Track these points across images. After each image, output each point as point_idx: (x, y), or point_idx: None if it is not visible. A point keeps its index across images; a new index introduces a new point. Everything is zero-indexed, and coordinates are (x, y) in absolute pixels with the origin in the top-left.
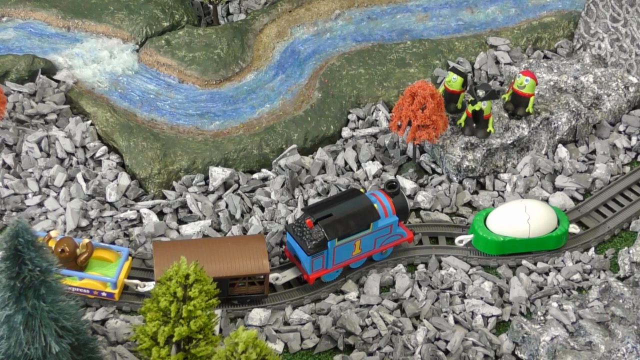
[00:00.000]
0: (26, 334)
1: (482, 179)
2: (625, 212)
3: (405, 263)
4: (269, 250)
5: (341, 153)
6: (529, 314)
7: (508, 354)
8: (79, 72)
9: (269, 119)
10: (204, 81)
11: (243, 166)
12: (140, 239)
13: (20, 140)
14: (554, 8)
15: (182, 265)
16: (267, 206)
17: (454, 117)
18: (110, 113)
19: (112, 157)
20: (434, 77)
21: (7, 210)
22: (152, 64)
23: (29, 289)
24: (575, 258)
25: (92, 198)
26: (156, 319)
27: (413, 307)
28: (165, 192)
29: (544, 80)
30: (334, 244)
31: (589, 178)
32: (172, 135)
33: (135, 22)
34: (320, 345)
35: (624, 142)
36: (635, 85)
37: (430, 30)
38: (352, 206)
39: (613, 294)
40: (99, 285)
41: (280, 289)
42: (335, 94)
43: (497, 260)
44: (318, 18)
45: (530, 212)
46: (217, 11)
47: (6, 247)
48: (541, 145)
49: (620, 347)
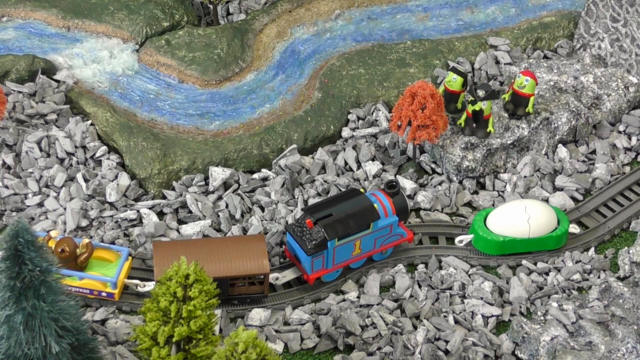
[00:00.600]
0: (26, 334)
1: (482, 179)
2: (625, 212)
3: (405, 263)
4: (269, 250)
5: (341, 153)
6: (529, 314)
7: (508, 354)
8: (79, 72)
9: (269, 119)
10: (204, 81)
11: (243, 166)
12: (140, 239)
13: (20, 140)
14: (554, 8)
15: (182, 265)
16: (267, 206)
17: (454, 117)
18: (110, 113)
19: (112, 157)
20: (434, 77)
21: (7, 210)
22: (152, 64)
23: (29, 289)
24: (575, 258)
25: (92, 198)
26: (156, 319)
27: (413, 307)
28: (165, 192)
29: (544, 80)
30: (334, 244)
31: (589, 178)
32: (172, 135)
33: (135, 22)
34: (320, 345)
35: (624, 142)
36: (635, 85)
37: (430, 30)
38: (352, 206)
39: (613, 294)
40: (99, 285)
41: (280, 289)
42: (335, 94)
43: (497, 260)
44: (318, 18)
45: (530, 212)
46: (217, 11)
47: (6, 247)
48: (541, 145)
49: (620, 347)
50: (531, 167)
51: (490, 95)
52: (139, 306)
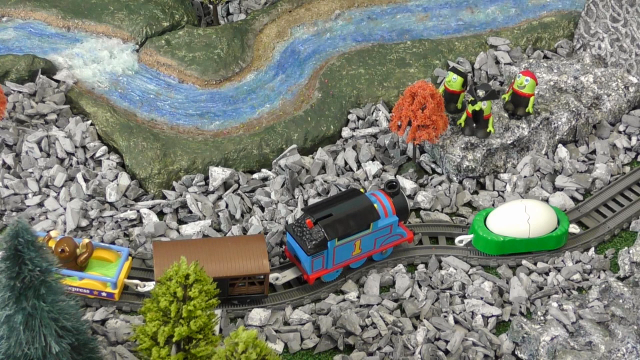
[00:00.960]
0: (26, 334)
1: (482, 179)
2: (625, 212)
3: (405, 263)
4: (269, 250)
5: (341, 153)
6: (529, 314)
7: (508, 354)
8: (79, 72)
9: (269, 119)
10: (204, 81)
11: (243, 166)
12: (140, 239)
13: (20, 140)
14: (554, 8)
15: (182, 265)
16: (267, 206)
17: (454, 117)
18: (110, 113)
19: (112, 157)
20: (434, 77)
21: (7, 210)
22: (152, 64)
23: (29, 289)
24: (575, 258)
25: (92, 198)
26: (156, 319)
27: (413, 307)
28: (165, 192)
29: (544, 80)
30: (334, 244)
31: (589, 178)
32: (172, 135)
33: (135, 22)
34: (320, 345)
35: (624, 142)
36: (635, 85)
37: (430, 30)
38: (352, 206)
39: (613, 294)
40: (99, 285)
41: (280, 289)
42: (335, 94)
43: (497, 260)
44: (318, 18)
45: (530, 212)
46: (217, 11)
47: (6, 247)
48: (541, 145)
49: (620, 347)
50: (531, 167)
51: (490, 95)
52: (139, 306)
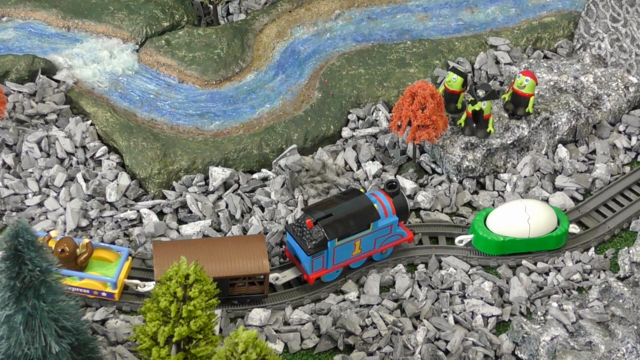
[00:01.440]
0: (26, 334)
1: (482, 179)
2: (625, 212)
3: (405, 263)
4: (269, 250)
5: (341, 153)
6: (529, 314)
7: (508, 354)
8: (79, 72)
9: (269, 119)
10: (204, 81)
11: (243, 166)
12: (140, 239)
13: (20, 140)
14: (554, 8)
15: (182, 265)
16: (267, 206)
17: (454, 117)
18: (110, 113)
19: (112, 157)
20: (434, 77)
21: (7, 210)
22: (152, 64)
23: (29, 289)
24: (575, 258)
25: (92, 198)
26: (156, 319)
27: (413, 307)
28: (165, 192)
29: (544, 80)
30: (334, 244)
31: (589, 178)
32: (172, 135)
33: (135, 22)
34: (320, 345)
35: (624, 142)
36: (635, 85)
37: (430, 30)
38: (352, 206)
39: (613, 294)
40: (99, 285)
41: (280, 289)
42: (335, 94)
43: (497, 260)
44: (318, 18)
45: (530, 212)
46: (217, 11)
47: (6, 247)
48: (541, 145)
49: (620, 347)
50: (531, 167)
51: (490, 95)
52: (139, 306)
